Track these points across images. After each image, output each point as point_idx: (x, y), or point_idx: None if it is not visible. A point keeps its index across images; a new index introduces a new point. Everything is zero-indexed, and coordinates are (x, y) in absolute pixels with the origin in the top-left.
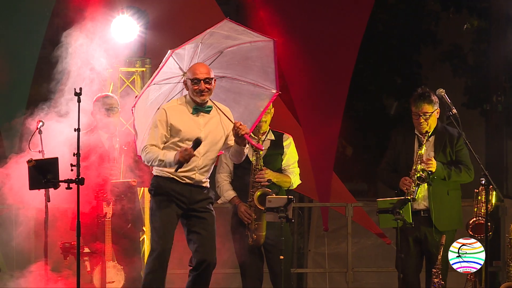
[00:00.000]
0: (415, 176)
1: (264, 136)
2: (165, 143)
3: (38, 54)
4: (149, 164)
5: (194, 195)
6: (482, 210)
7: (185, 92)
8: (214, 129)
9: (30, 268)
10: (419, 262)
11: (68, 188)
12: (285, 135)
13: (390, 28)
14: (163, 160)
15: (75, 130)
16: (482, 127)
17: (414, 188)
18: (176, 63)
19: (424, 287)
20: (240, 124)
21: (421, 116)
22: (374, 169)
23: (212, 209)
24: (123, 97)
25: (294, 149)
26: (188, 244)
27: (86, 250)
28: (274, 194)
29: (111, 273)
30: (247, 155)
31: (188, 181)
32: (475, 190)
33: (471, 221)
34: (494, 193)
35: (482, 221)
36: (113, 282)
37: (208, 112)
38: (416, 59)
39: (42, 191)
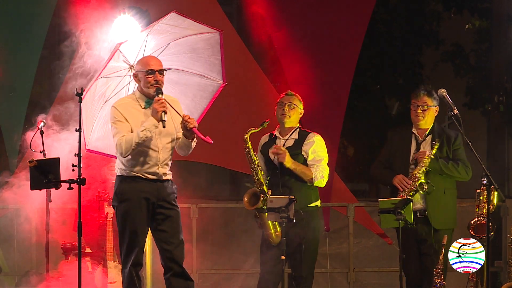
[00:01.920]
0: (417, 183)
1: (288, 135)
2: None
3: (40, 55)
4: (131, 150)
5: (160, 192)
6: (484, 210)
7: (133, 84)
8: (168, 121)
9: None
10: (421, 262)
11: (70, 188)
12: (311, 134)
13: (391, 28)
14: (144, 129)
15: (76, 130)
16: (484, 128)
17: (411, 193)
18: (122, 55)
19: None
20: (189, 117)
21: (419, 106)
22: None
23: (177, 204)
24: None
25: (320, 147)
26: (155, 242)
27: (88, 250)
28: (262, 195)
29: (112, 273)
30: (268, 155)
31: (152, 177)
32: (477, 190)
33: (472, 221)
34: (495, 193)
35: (484, 221)
36: (115, 282)
37: None
38: (418, 59)
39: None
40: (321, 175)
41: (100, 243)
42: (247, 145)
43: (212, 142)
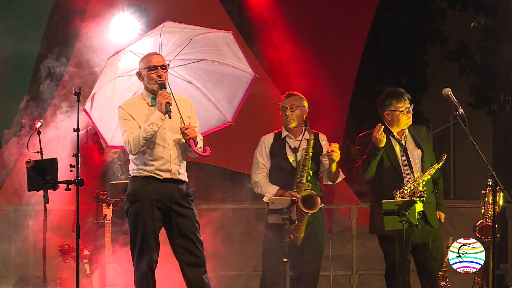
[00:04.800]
0: (419, 188)
1: (300, 136)
2: None
3: (38, 53)
4: (139, 146)
5: (173, 194)
6: (489, 212)
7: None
8: (176, 117)
9: None
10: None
11: (68, 189)
12: (321, 135)
13: (395, 26)
14: (150, 123)
15: (74, 130)
16: (489, 127)
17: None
18: (134, 55)
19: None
20: (186, 129)
21: (408, 108)
22: None
23: (193, 206)
24: None
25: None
26: (173, 249)
27: (86, 252)
28: (319, 198)
29: (111, 276)
30: (286, 156)
31: (166, 176)
32: (482, 191)
33: (478, 223)
34: (501, 194)
35: (490, 223)
36: (113, 285)
37: None
38: (422, 58)
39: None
40: (341, 174)
41: (99, 245)
42: (309, 147)
43: (207, 154)
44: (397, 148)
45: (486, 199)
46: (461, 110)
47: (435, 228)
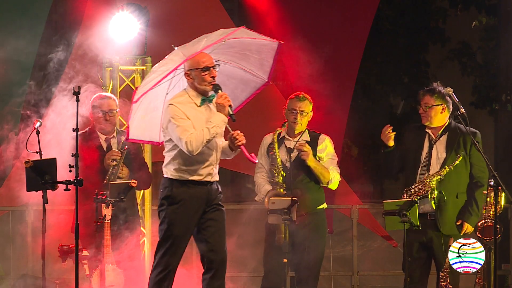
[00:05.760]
0: (427, 189)
1: (298, 137)
2: None
3: (36, 52)
4: (201, 148)
5: (211, 195)
6: (491, 212)
7: (177, 79)
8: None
9: None
10: (427, 266)
11: (67, 189)
12: (322, 136)
13: (397, 25)
14: (214, 126)
15: (73, 130)
16: (491, 127)
17: (418, 198)
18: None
19: None
20: (238, 134)
21: (421, 106)
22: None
23: (223, 205)
24: (123, 96)
25: (332, 149)
26: (197, 244)
27: (85, 253)
28: (290, 199)
29: (110, 277)
30: (281, 156)
31: (207, 178)
32: (484, 191)
33: (479, 223)
34: (503, 194)
35: (491, 223)
36: (113, 285)
37: (211, 101)
38: (424, 57)
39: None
40: (338, 177)
41: (98, 246)
42: (274, 146)
43: (256, 161)
44: (426, 146)
45: (488, 199)
46: (462, 110)
47: (447, 234)
